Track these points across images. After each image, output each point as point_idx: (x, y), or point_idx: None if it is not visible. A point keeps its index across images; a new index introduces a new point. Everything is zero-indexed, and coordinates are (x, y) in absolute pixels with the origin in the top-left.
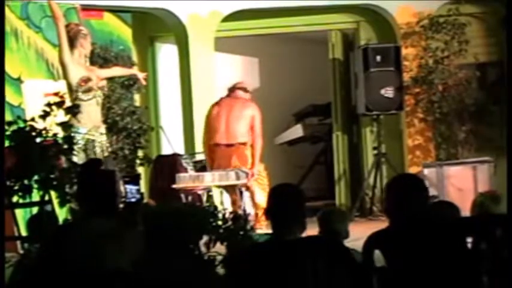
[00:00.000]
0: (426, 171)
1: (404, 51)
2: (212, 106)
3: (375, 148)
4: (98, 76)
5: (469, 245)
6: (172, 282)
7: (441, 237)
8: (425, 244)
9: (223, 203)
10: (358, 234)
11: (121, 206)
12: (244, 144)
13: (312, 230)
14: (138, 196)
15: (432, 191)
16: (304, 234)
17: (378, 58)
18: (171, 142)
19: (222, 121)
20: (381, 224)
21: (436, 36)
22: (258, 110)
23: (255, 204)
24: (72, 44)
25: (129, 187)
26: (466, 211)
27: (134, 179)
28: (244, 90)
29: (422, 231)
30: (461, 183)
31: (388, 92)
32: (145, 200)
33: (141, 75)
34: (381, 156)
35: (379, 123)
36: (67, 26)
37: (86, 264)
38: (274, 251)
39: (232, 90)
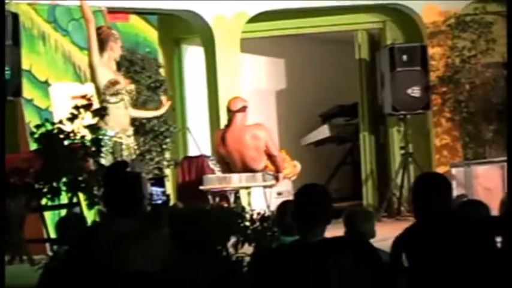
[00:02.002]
0: (454, 170)
1: (430, 51)
2: (218, 141)
3: (402, 148)
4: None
5: (499, 245)
6: (200, 283)
7: (468, 237)
8: (452, 244)
9: (250, 204)
10: (385, 234)
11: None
12: (265, 167)
13: (338, 231)
14: (163, 198)
15: (460, 191)
16: (330, 235)
17: (404, 58)
18: (198, 143)
19: (237, 161)
20: (409, 224)
21: (462, 35)
22: (266, 130)
23: None
24: (102, 46)
25: (154, 189)
26: (494, 211)
27: (159, 181)
28: (243, 109)
29: (448, 230)
30: (489, 183)
31: (415, 91)
32: (171, 202)
33: (166, 105)
34: (408, 156)
35: (406, 123)
36: (99, 28)
37: (111, 265)
38: (299, 252)
39: (231, 116)
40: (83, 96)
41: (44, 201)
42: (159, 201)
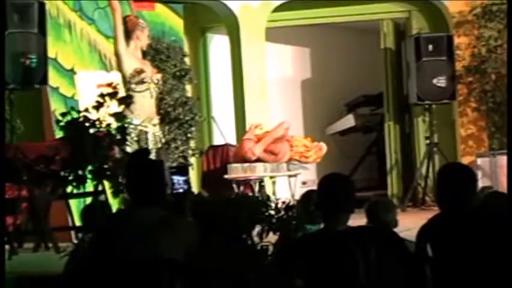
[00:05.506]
0: (479, 160)
1: (456, 40)
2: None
3: (427, 138)
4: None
5: None
6: (225, 271)
7: (492, 229)
8: (476, 235)
9: (275, 193)
10: (410, 224)
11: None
12: (290, 158)
13: (361, 220)
14: (185, 187)
15: (485, 181)
16: (354, 225)
17: (430, 47)
18: (223, 132)
19: None
20: (434, 214)
21: (489, 24)
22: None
23: None
24: (128, 35)
25: (176, 178)
26: None
27: (182, 170)
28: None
29: (473, 222)
30: None
31: (441, 81)
32: (194, 191)
33: None
34: (433, 146)
35: (431, 112)
36: (126, 17)
37: (136, 254)
38: (324, 241)
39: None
40: (109, 85)
41: (69, 189)
42: (181, 190)
